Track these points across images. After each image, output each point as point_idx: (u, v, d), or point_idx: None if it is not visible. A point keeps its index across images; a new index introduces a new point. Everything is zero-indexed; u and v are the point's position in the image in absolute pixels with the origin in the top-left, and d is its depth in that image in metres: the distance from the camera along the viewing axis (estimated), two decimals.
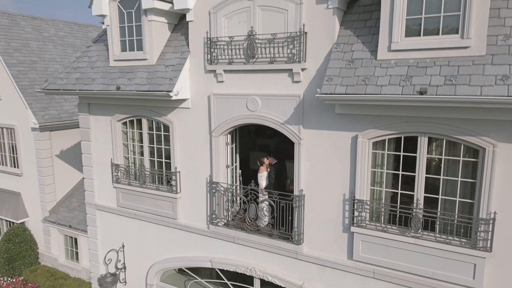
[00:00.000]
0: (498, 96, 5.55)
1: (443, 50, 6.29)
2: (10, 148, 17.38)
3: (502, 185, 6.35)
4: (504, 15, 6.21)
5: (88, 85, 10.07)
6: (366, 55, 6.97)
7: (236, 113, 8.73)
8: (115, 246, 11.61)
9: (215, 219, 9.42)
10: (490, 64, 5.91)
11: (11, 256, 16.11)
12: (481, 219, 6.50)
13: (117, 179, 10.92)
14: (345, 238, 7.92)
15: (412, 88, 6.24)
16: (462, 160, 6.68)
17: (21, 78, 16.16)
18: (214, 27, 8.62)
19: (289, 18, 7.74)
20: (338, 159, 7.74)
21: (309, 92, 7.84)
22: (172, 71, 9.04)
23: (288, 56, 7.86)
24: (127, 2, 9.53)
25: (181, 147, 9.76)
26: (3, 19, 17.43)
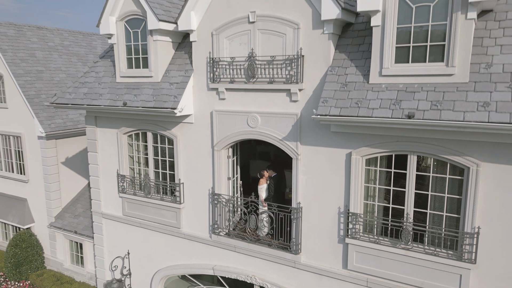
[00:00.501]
0: (479, 122, 6.03)
1: (430, 77, 6.77)
2: (17, 155, 17.84)
3: (486, 201, 6.82)
4: (486, 44, 6.68)
5: (95, 100, 10.55)
6: (359, 79, 7.45)
7: (237, 128, 9.21)
8: (121, 253, 12.08)
9: (217, 229, 9.90)
10: (473, 91, 6.39)
11: (18, 261, 16.57)
12: (466, 233, 6.97)
13: (122, 189, 11.40)
14: (340, 248, 8.40)
15: (401, 112, 6.71)
16: (449, 177, 7.16)
17: (28, 88, 16.62)
18: (217, 47, 9.10)
19: (287, 42, 8.21)
20: (333, 174, 8.21)
21: (306, 111, 8.32)
22: (177, 88, 9.51)
23: (286, 77, 8.33)
24: (134, 22, 10.01)
25: (185, 160, 10.23)
26: (10, 30, 17.90)
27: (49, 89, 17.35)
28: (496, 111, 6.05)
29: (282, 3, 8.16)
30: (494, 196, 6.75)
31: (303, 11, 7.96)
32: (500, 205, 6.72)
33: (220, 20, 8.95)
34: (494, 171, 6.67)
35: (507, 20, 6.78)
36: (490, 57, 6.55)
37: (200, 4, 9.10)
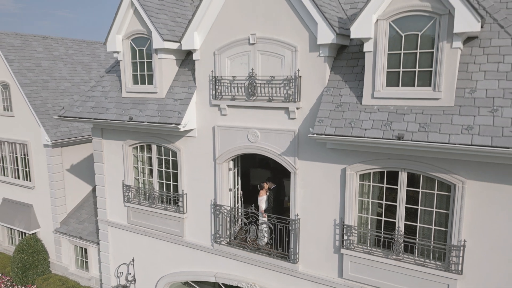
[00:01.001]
0: (463, 145, 6.50)
1: (418, 100, 7.24)
2: (23, 162, 18.31)
3: (471, 216, 7.29)
4: (471, 70, 7.15)
5: (102, 114, 11.02)
6: (352, 100, 7.91)
7: (238, 143, 9.68)
8: (126, 260, 12.55)
9: (218, 238, 10.37)
10: (457, 114, 6.85)
11: (24, 266, 17.03)
12: (453, 246, 7.44)
13: (128, 198, 11.87)
14: (336, 258, 8.87)
15: (391, 132, 7.18)
16: (437, 193, 7.62)
17: (34, 97, 17.09)
18: (219, 66, 9.57)
19: (285, 63, 8.68)
20: (329, 188, 8.68)
21: (303, 128, 8.79)
22: (181, 104, 9.98)
23: (285, 96, 8.80)
24: (139, 40, 10.48)
25: (188, 172, 10.70)
26: (16, 40, 18.37)
27: (54, 98, 17.82)
28: (479, 134, 6.51)
29: (280, 26, 8.63)
30: (479, 212, 7.21)
31: (300, 34, 8.43)
32: (484, 220, 7.19)
33: (222, 40, 9.42)
34: (479, 189, 7.14)
35: (490, 47, 7.25)
36: (474, 82, 7.02)
37: (203, 25, 9.57)
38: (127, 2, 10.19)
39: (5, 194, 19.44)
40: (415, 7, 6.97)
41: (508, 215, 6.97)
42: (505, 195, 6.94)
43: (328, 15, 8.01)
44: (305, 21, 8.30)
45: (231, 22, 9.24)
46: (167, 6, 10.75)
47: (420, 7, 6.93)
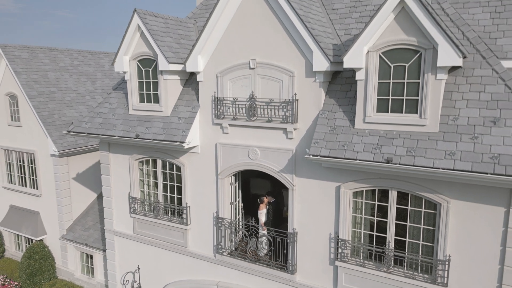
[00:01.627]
0: (445, 169, 7.08)
1: (406, 126, 7.81)
2: (30, 170, 18.90)
3: (456, 233, 7.87)
4: (455, 98, 7.73)
5: (110, 131, 11.60)
6: (346, 123, 8.49)
7: (239, 160, 10.26)
8: (131, 268, 13.13)
9: (220, 249, 10.95)
10: (442, 140, 7.43)
11: (32, 272, 17.61)
12: (439, 260, 8.02)
13: (133, 210, 12.45)
14: (331, 270, 9.45)
15: (381, 156, 7.76)
16: (424, 211, 8.20)
17: (41, 108, 17.67)
18: (221, 88, 10.15)
19: (283, 87, 9.26)
20: (325, 204, 9.26)
21: (300, 147, 9.37)
22: (185, 123, 10.56)
23: (283, 117, 9.38)
24: (145, 61, 11.06)
25: (191, 185, 11.28)
26: (24, 53, 18.95)
27: (61, 109, 18.39)
28: (461, 160, 7.09)
29: (279, 53, 9.21)
30: (462, 229, 7.79)
31: (297, 61, 9.01)
32: (467, 237, 7.77)
33: (224, 64, 10.01)
34: (462, 208, 7.72)
35: (473, 76, 7.83)
36: (457, 110, 7.60)
37: (206, 49, 10.15)
38: (134, 26, 10.77)
39: (12, 201, 20.03)
40: (402, 41, 7.55)
41: (488, 232, 7.55)
42: (486, 214, 7.51)
43: (323, 44, 8.59)
44: (302, 49, 8.89)
45: (233, 47, 9.82)
46: (171, 29, 11.33)
47: (407, 41, 7.51)
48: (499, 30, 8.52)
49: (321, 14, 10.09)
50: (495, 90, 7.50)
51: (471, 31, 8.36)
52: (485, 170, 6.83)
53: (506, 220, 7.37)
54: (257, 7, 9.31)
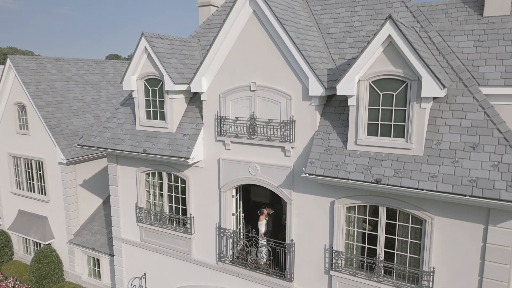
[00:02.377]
0: (428, 190, 7.77)
1: (394, 149, 8.50)
2: (38, 177, 19.61)
3: (439, 247, 8.57)
4: (438, 124, 8.42)
5: (118, 145, 12.29)
6: (339, 144, 9.18)
7: (240, 175, 10.95)
8: (138, 273, 13.85)
9: (223, 257, 11.66)
10: (426, 163, 8.13)
11: (41, 275, 18.35)
12: (424, 271, 8.73)
13: (140, 219, 13.16)
14: (326, 278, 10.16)
15: (371, 176, 8.45)
16: (411, 226, 8.90)
17: (50, 118, 18.35)
18: (223, 107, 10.84)
19: (282, 108, 9.95)
20: (320, 217, 9.96)
21: (297, 164, 10.06)
22: (189, 140, 11.26)
23: (281, 136, 10.07)
24: (152, 81, 11.74)
25: (195, 197, 11.98)
26: (32, 64, 19.61)
27: (68, 118, 19.08)
28: (442, 182, 7.79)
29: (277, 77, 9.89)
30: (445, 243, 8.49)
31: (294, 85, 9.69)
32: (450, 251, 8.47)
33: (226, 86, 10.69)
34: (445, 224, 8.42)
35: (455, 103, 8.51)
36: (440, 135, 8.29)
37: (209, 71, 10.83)
38: (142, 48, 11.44)
39: (20, 206, 20.75)
40: (390, 72, 8.22)
41: (469, 246, 8.25)
42: (467, 230, 8.21)
43: (319, 71, 9.27)
44: (298, 74, 9.57)
45: (234, 70, 10.49)
46: (176, 50, 12.00)
47: (394, 73, 8.19)
48: (482, 58, 9.19)
49: (317, 38, 10.76)
50: (475, 117, 8.19)
51: (455, 60, 9.03)
52: (464, 192, 7.53)
53: (485, 236, 8.07)
54: (257, 34, 9.99)
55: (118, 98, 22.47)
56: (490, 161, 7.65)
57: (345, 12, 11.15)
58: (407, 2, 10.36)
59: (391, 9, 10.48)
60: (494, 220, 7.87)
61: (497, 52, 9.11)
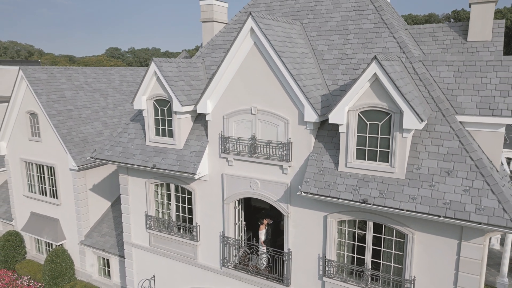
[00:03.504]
0: (408, 211, 8.83)
1: (379, 172, 9.54)
2: (50, 182, 20.70)
3: (419, 258, 9.65)
4: (419, 150, 9.45)
5: (129, 159, 13.34)
6: (331, 166, 10.22)
7: (242, 189, 12.02)
8: (147, 275, 14.99)
9: (226, 263, 12.78)
10: (407, 186, 9.17)
11: (54, 274, 19.52)
12: (406, 280, 9.83)
13: (149, 226, 14.25)
14: (320, 284, 11.27)
15: (359, 196, 9.51)
16: (395, 239, 9.98)
17: (61, 127, 19.36)
18: (227, 128, 11.86)
19: (280, 131, 10.97)
20: (315, 229, 11.04)
21: (294, 181, 11.12)
22: (196, 156, 12.30)
23: (280, 156, 11.11)
24: (161, 101, 12.75)
25: (200, 208, 13.06)
26: (43, 74, 20.58)
27: (78, 126, 20.09)
28: (421, 203, 8.84)
29: (276, 103, 10.89)
30: (425, 255, 9.58)
31: (291, 111, 10.70)
32: (429, 262, 9.56)
33: (230, 108, 11.70)
34: (425, 238, 9.49)
35: (434, 132, 9.54)
36: (420, 160, 9.33)
37: (214, 95, 11.84)
38: (151, 72, 12.43)
39: (32, 208, 21.88)
40: (376, 104, 9.23)
41: (445, 259, 9.33)
42: (443, 244, 9.29)
43: (313, 99, 10.28)
44: (295, 101, 10.58)
45: (237, 95, 11.50)
46: (183, 72, 12.99)
47: (380, 105, 9.20)
48: (460, 88, 10.18)
49: (313, 65, 11.75)
50: (451, 145, 9.22)
51: (435, 90, 10.04)
52: (439, 213, 8.59)
53: (459, 250, 9.15)
54: (258, 63, 10.97)
55: (124, 105, 23.47)
56: (462, 186, 8.70)
57: (338, 39, 12.12)
58: (395, 33, 11.32)
59: (380, 39, 11.45)
60: (467, 236, 8.94)
61: (474, 83, 10.10)
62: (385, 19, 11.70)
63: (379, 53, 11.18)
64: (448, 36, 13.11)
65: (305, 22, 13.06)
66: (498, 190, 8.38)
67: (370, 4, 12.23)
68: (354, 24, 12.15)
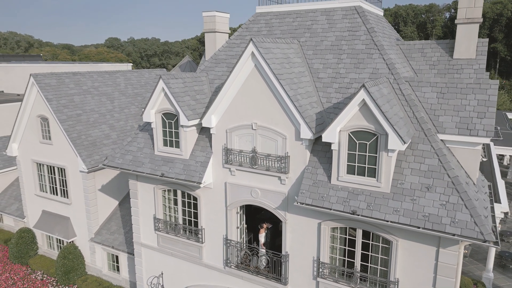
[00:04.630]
0: (392, 222, 9.93)
1: (367, 186, 10.62)
2: (60, 182, 21.82)
3: (403, 262, 10.79)
4: (403, 166, 10.52)
5: (139, 167, 14.42)
6: (324, 179, 11.30)
7: (243, 197, 13.12)
8: (156, 273, 16.19)
9: (229, 263, 13.95)
10: (391, 199, 10.26)
11: (66, 269, 20.77)
12: (391, 281, 10.98)
13: (157, 228, 15.40)
14: (314, 283, 12.44)
15: (349, 207, 10.60)
16: (381, 245, 11.11)
17: (71, 131, 20.39)
18: (229, 141, 12.90)
19: (278, 145, 12.03)
20: (310, 234, 12.17)
21: (291, 191, 12.21)
22: (201, 166, 13.37)
23: (278, 168, 12.18)
24: (169, 115, 13.78)
25: (205, 212, 14.18)
26: (52, 80, 21.53)
27: (87, 130, 21.12)
28: (403, 216, 9.94)
29: (275, 120, 11.92)
30: (407, 260, 10.71)
31: (289, 127, 11.74)
32: (411, 266, 10.70)
33: (232, 123, 12.73)
34: (408, 245, 10.61)
35: (417, 150, 10.59)
36: (404, 176, 10.40)
37: (218, 110, 12.86)
38: (160, 88, 13.43)
39: (44, 207, 23.04)
40: (364, 126, 10.27)
41: (425, 263, 10.47)
42: (424, 250, 10.41)
43: (308, 118, 11.30)
44: (292, 119, 11.61)
45: (239, 111, 12.52)
46: (189, 87, 13.98)
47: (367, 127, 10.23)
48: (442, 108, 11.20)
49: (309, 83, 12.75)
50: (431, 163, 10.28)
51: (419, 111, 11.06)
52: (418, 225, 9.70)
53: (437, 256, 10.28)
54: (258, 84, 11.97)
55: (130, 107, 24.44)
56: (440, 201, 9.79)
57: (333, 58, 13.09)
58: (384, 55, 12.29)
59: (371, 60, 12.43)
60: (444, 244, 10.06)
61: (454, 104, 11.11)
62: (376, 40, 12.66)
63: (368, 79, 12.17)
64: (436, 53, 14.05)
65: (302, 41, 14.01)
66: (471, 205, 9.48)
67: (362, 26, 13.17)
68: (347, 44, 13.12)
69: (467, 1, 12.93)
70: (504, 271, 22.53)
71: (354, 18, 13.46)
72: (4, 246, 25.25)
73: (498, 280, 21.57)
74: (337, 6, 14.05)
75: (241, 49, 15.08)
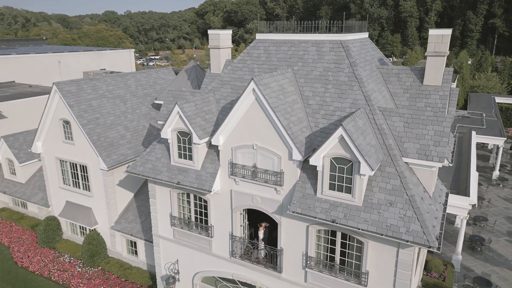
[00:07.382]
0: (363, 230, 12.80)
1: (344, 200, 13.41)
2: (82, 177, 24.63)
3: (372, 258, 13.73)
4: (373, 185, 13.28)
5: (158, 175, 17.18)
6: (311, 192, 14.08)
7: (246, 202, 15.95)
8: (172, 260, 19.27)
9: (234, 254, 16.96)
10: (363, 211, 13.08)
11: (91, 253, 23.91)
12: (363, 272, 13.97)
13: (173, 223, 18.33)
14: (303, 273, 15.48)
15: (330, 217, 13.44)
16: (355, 245, 14.04)
17: (91, 134, 22.98)
18: (234, 156, 15.60)
19: (275, 163, 14.74)
20: (300, 234, 15.08)
21: (285, 199, 15.03)
22: (211, 176, 16.13)
23: (274, 181, 14.94)
24: (183, 133, 16.41)
25: (214, 213, 17.06)
26: (72, 87, 23.91)
27: (105, 132, 23.70)
28: (371, 225, 12.79)
29: (272, 143, 14.57)
30: (375, 257, 13.64)
31: (283, 150, 14.41)
32: (378, 261, 13.64)
33: (236, 143, 15.39)
34: (376, 245, 13.51)
35: (385, 171, 13.32)
36: (373, 193, 13.18)
37: (225, 132, 15.49)
38: (176, 111, 15.98)
39: (67, 198, 25.96)
40: (342, 154, 12.95)
41: (389, 259, 13.41)
42: (388, 250, 13.32)
43: (299, 143, 13.96)
44: (285, 144, 14.27)
45: (242, 134, 15.15)
46: (199, 109, 16.53)
47: (344, 155, 12.92)
48: (407, 136, 13.85)
49: (300, 109, 15.32)
50: (394, 183, 13.04)
51: (388, 139, 13.71)
52: (382, 233, 12.56)
53: (397, 254, 13.21)
54: (258, 113, 14.55)
55: (141, 108, 26.90)
56: (399, 214, 12.62)
57: (320, 87, 15.61)
58: (363, 88, 14.80)
59: (352, 91, 14.95)
60: (402, 246, 12.98)
61: (416, 133, 13.75)
62: (357, 74, 15.15)
63: (348, 108, 14.70)
64: (409, 78, 16.54)
65: (296, 69, 16.46)
66: (422, 218, 12.32)
67: (346, 59, 15.61)
68: (333, 75, 15.60)
69: (435, 37, 15.34)
70: (473, 253, 25.69)
71: (340, 51, 15.88)
72: (32, 231, 28.34)
73: (466, 261, 24.74)
74: (325, 39, 16.42)
75: (243, 72, 17.53)
